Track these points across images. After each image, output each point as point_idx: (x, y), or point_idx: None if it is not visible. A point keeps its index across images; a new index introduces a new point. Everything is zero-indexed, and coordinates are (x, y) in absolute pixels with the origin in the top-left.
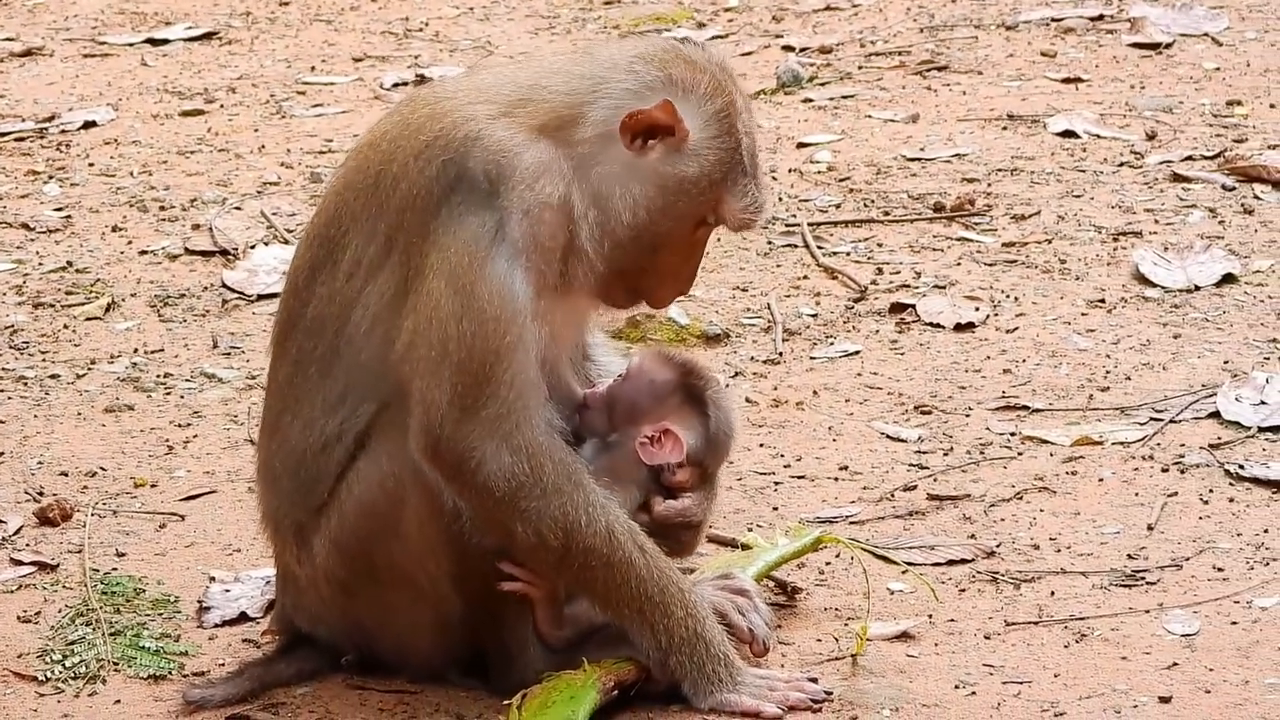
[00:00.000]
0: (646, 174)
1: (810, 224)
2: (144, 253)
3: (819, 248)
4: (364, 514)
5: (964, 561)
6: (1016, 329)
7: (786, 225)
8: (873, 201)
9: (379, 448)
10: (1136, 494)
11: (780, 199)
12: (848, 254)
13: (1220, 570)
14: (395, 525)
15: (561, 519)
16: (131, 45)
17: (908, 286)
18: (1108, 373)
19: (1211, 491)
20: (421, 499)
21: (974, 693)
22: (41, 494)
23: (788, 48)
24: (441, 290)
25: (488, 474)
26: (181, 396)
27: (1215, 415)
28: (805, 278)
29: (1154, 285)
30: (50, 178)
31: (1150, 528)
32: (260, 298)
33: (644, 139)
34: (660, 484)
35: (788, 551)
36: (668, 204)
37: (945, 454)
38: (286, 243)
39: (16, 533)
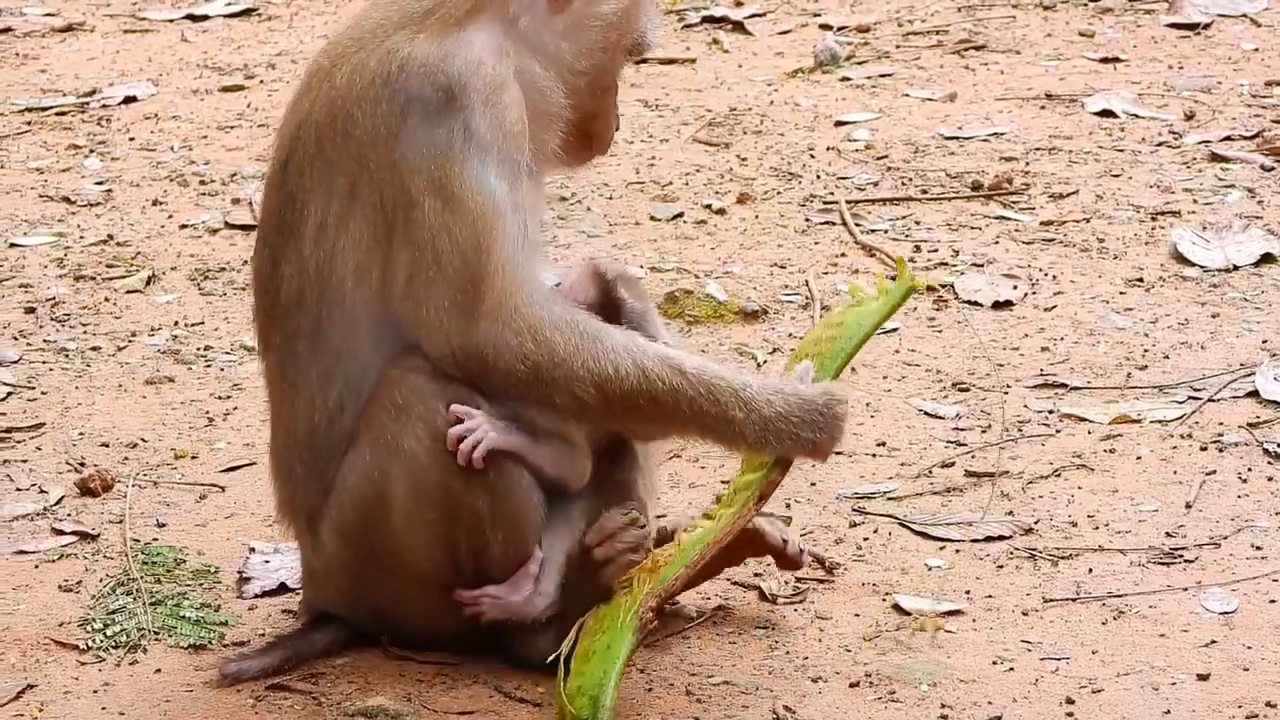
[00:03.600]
0: (578, 24)
1: (848, 202)
2: (184, 226)
3: (856, 225)
4: (357, 504)
5: (1002, 538)
6: (1054, 307)
7: (824, 203)
8: (910, 180)
9: (364, 439)
10: (1175, 472)
11: (818, 177)
12: (885, 232)
13: (1259, 549)
14: (386, 515)
15: (590, 377)
16: (171, 21)
17: (946, 264)
18: (1146, 351)
19: (1250, 470)
20: (404, 488)
21: (1012, 668)
22: (83, 465)
23: (825, 26)
24: (433, 208)
25: (506, 363)
26: (222, 369)
27: (1253, 394)
28: (843, 255)
29: (1192, 264)
30: (91, 152)
31: (1188, 506)
32: None
33: None
34: None
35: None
36: (605, 42)
37: (983, 431)
38: None
39: (58, 503)
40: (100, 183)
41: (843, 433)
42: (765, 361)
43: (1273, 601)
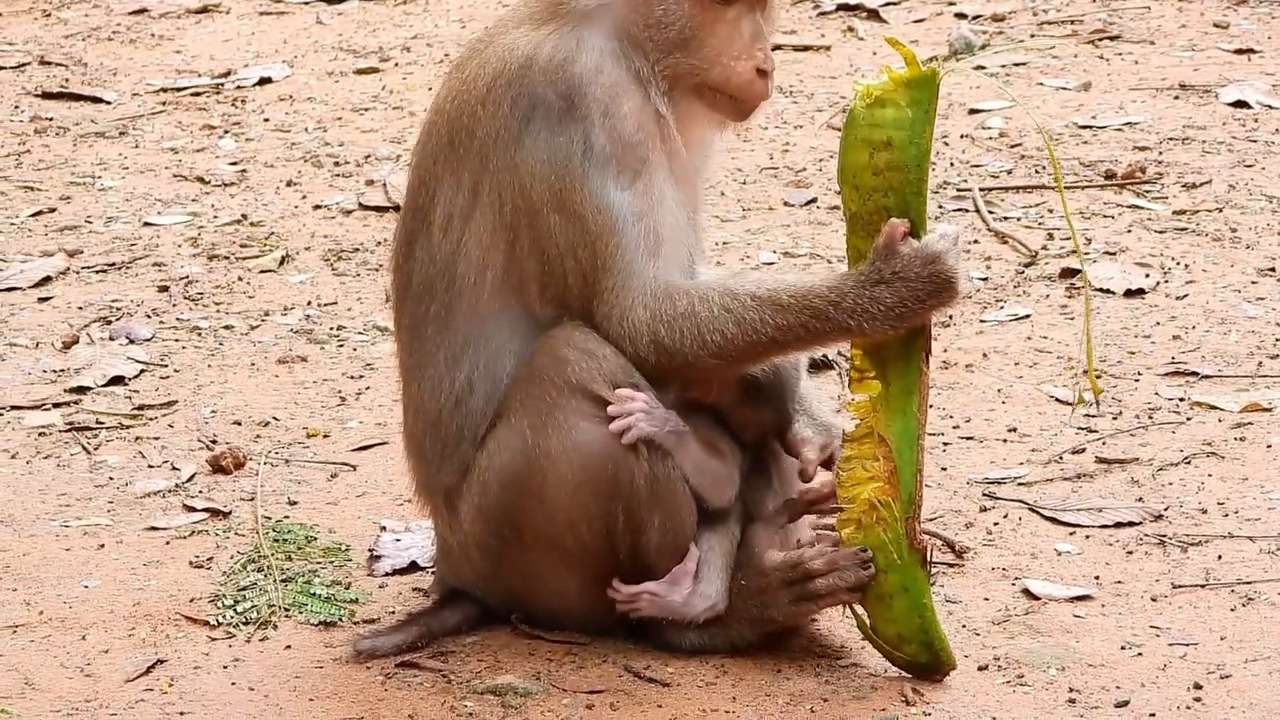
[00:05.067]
0: None
1: (981, 189)
2: (318, 207)
3: (990, 213)
4: (507, 482)
5: (1131, 524)
6: (1186, 296)
7: (958, 190)
8: (1044, 168)
9: (519, 416)
10: None
11: (951, 164)
12: (1018, 219)
13: None
14: (540, 492)
15: (706, 353)
16: (307, 4)
17: (1080, 252)
18: (1277, 340)
19: None
20: (563, 463)
21: (1140, 654)
22: (215, 442)
23: (960, 15)
24: (557, 223)
25: (631, 357)
26: (354, 349)
27: None
28: (976, 242)
29: None
30: (226, 132)
31: None
32: None
33: None
34: None
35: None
36: None
37: (1114, 418)
38: None
39: (190, 480)
40: (235, 163)
41: (958, 277)
42: None
43: None
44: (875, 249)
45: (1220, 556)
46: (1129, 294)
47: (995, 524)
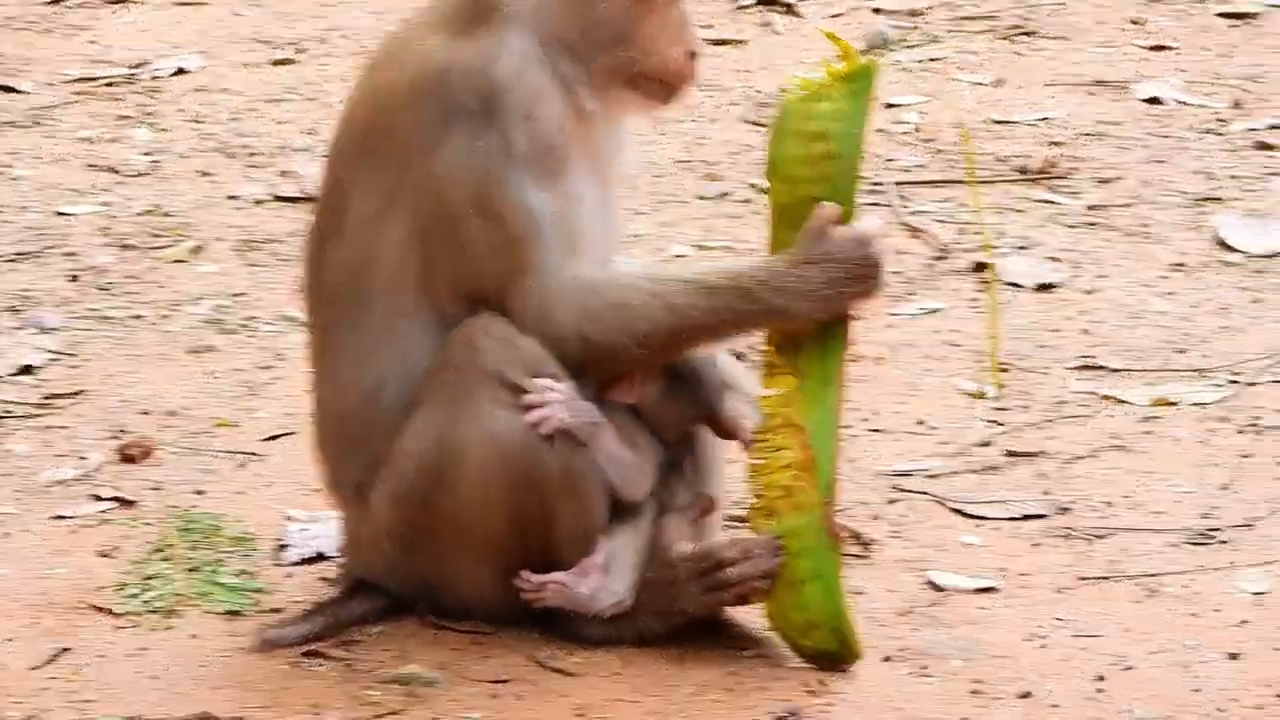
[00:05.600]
0: None
1: (895, 183)
2: (231, 198)
3: (903, 207)
4: (421, 469)
5: (1038, 517)
6: (1097, 290)
7: (871, 183)
8: (957, 163)
9: (435, 404)
10: (1211, 455)
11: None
12: (931, 214)
13: None
14: (453, 480)
15: (632, 344)
16: None
17: (990, 247)
18: (1186, 335)
19: None
20: (477, 451)
21: (1044, 645)
22: (123, 431)
23: (876, 10)
24: (477, 226)
25: (559, 355)
26: (265, 339)
27: None
28: (888, 236)
29: (1235, 250)
30: (140, 123)
31: (1224, 488)
32: None
33: None
34: None
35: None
36: None
37: (1023, 411)
38: None
39: (98, 469)
40: (148, 153)
41: (883, 267)
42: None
43: None
44: (807, 230)
45: (1125, 549)
46: (1040, 288)
47: (902, 516)
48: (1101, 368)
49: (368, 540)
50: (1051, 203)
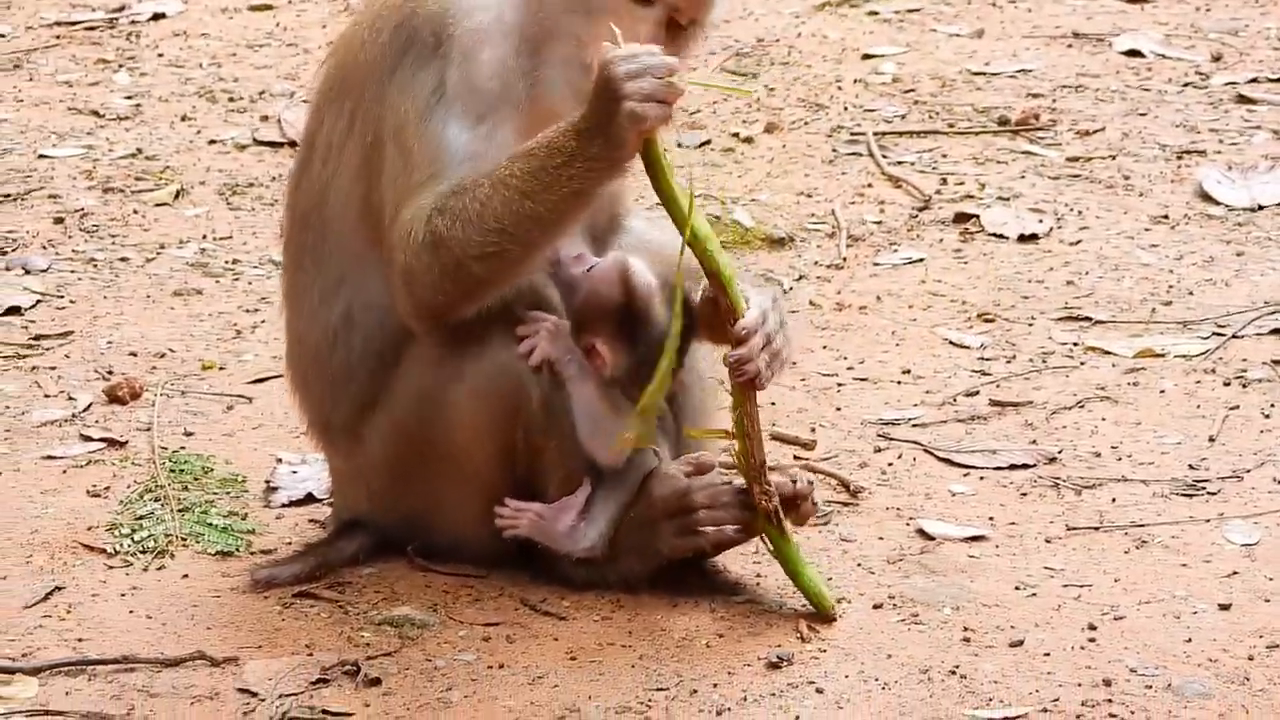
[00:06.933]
0: None
1: (875, 134)
2: (213, 142)
3: (884, 157)
4: (414, 401)
5: (1026, 466)
6: (1080, 242)
7: (851, 134)
8: (937, 114)
9: (430, 336)
10: (1198, 406)
11: (845, 108)
12: (912, 164)
13: None
14: (445, 411)
15: (475, 262)
16: None
17: (972, 197)
18: (1170, 287)
19: (1273, 406)
20: (478, 383)
21: (1034, 594)
22: (111, 373)
23: None
24: (390, 153)
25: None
26: (249, 283)
27: (1277, 331)
28: (869, 186)
29: (1217, 203)
30: (120, 67)
31: (1211, 439)
32: None
33: None
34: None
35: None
36: None
37: (1008, 361)
38: None
39: (86, 410)
40: (129, 97)
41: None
42: (791, 288)
43: None
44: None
45: (1114, 500)
46: (1022, 239)
47: (890, 464)
48: (1086, 319)
49: (355, 478)
50: (1032, 154)
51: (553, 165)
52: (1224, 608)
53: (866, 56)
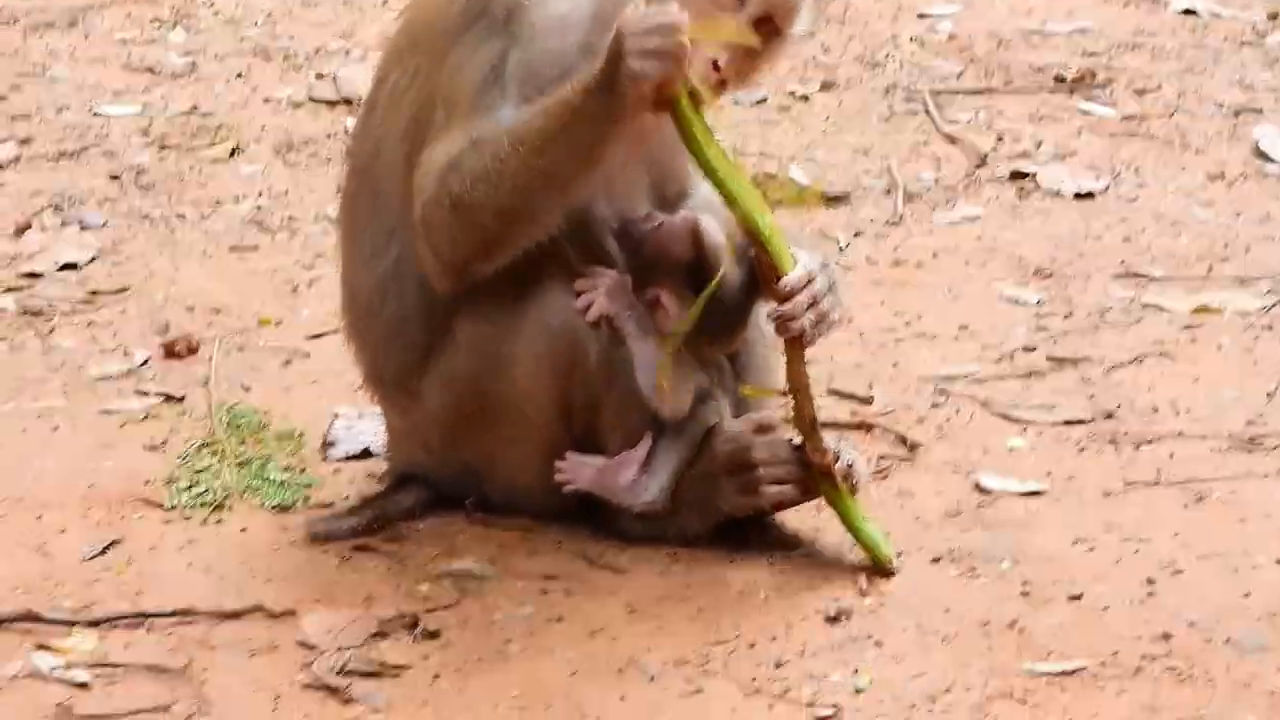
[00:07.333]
0: None
1: (931, 91)
2: (268, 100)
3: (940, 115)
4: (470, 356)
5: (1083, 422)
6: (1136, 199)
7: (908, 92)
8: (993, 72)
9: (500, 284)
10: (1255, 362)
11: (901, 66)
12: (968, 122)
13: None
14: (502, 366)
15: (486, 199)
16: None
17: (1028, 155)
18: (1227, 244)
19: None
20: (536, 336)
21: (1092, 549)
22: (168, 328)
23: None
24: (438, 116)
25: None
26: (306, 239)
27: None
28: (926, 143)
29: (1274, 161)
30: (175, 24)
31: (1269, 395)
32: None
33: None
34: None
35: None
36: None
37: (1065, 318)
38: None
39: (143, 364)
40: (185, 55)
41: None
42: (847, 245)
43: None
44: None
45: (1172, 455)
46: (1079, 196)
47: (947, 419)
48: (1143, 275)
49: (412, 431)
50: (1088, 113)
51: (562, 123)
52: None
53: (923, 15)
